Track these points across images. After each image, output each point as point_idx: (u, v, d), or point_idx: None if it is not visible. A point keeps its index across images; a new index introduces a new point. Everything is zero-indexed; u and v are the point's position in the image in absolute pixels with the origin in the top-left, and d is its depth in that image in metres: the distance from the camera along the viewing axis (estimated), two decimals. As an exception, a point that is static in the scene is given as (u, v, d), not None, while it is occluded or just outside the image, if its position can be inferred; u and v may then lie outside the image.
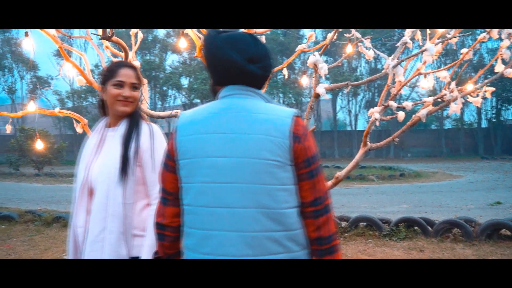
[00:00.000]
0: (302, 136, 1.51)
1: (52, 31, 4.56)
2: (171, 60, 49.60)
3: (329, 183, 4.82)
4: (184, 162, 1.55)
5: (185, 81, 35.82)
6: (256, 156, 1.47)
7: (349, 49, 5.01)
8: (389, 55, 4.38)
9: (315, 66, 4.07)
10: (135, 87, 2.05)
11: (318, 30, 34.99)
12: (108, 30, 3.45)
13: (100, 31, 3.43)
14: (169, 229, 1.63)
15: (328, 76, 34.13)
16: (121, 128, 2.03)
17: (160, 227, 1.64)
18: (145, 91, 5.33)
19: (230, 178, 1.48)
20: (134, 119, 2.04)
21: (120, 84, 2.01)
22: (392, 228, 6.65)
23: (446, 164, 27.31)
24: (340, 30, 4.64)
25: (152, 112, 4.25)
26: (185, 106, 36.37)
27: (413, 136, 36.34)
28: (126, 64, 2.06)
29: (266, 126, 1.50)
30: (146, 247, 1.88)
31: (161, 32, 37.80)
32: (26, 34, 4.38)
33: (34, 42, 4.49)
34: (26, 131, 21.65)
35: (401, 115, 4.60)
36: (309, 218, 1.52)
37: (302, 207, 1.53)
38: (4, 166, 24.65)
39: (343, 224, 6.99)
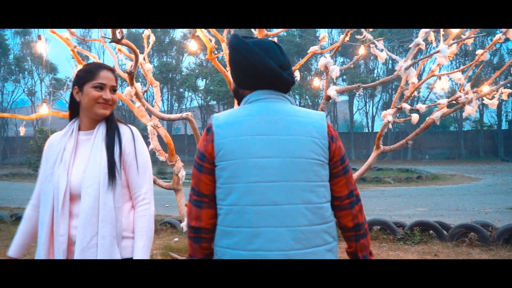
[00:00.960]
0: (335, 137, 1.68)
1: (66, 34, 4.61)
2: (188, 62, 49.88)
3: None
4: (227, 163, 1.60)
5: (201, 83, 36.02)
6: (301, 156, 1.58)
7: (361, 50, 4.95)
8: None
9: (326, 68, 4.04)
10: (115, 90, 2.02)
11: (335, 32, 34.87)
12: (118, 32, 3.46)
13: (110, 34, 3.43)
14: (205, 231, 1.66)
15: (344, 77, 34.03)
16: (100, 131, 1.98)
17: (196, 231, 1.67)
18: (157, 94, 5.34)
19: (277, 177, 1.57)
20: (111, 122, 2.00)
21: (101, 87, 1.95)
22: (407, 232, 6.55)
23: (465, 167, 26.92)
24: (353, 31, 4.58)
25: (163, 115, 4.25)
26: (201, 108, 36.53)
27: (431, 138, 35.93)
28: (105, 66, 2.02)
29: (307, 128, 1.62)
30: (139, 248, 1.87)
31: (177, 34, 38.06)
32: (39, 37, 4.43)
33: (53, 44, 4.55)
34: (45, 133, 21.96)
35: (414, 117, 4.53)
36: (346, 209, 1.68)
37: (337, 201, 1.67)
38: (23, 167, 25.03)
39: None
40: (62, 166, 1.93)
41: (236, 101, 1.84)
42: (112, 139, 1.95)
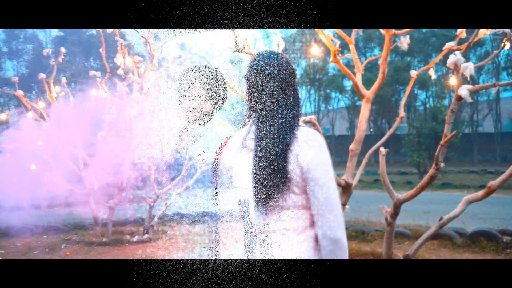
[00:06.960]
0: None
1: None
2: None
3: (480, 192, 4.42)
4: None
5: (348, 83, 35.61)
6: None
7: (506, 46, 4.49)
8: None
9: (456, 66, 3.76)
10: None
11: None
12: (241, 42, 3.67)
13: (234, 43, 3.65)
14: None
15: (510, 71, 30.65)
16: None
17: None
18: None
19: None
20: None
21: None
22: None
23: None
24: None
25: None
26: (348, 108, 36.18)
27: None
28: None
29: None
30: None
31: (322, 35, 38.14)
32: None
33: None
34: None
35: None
36: None
37: None
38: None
39: (505, 238, 6.24)
40: None
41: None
42: None
